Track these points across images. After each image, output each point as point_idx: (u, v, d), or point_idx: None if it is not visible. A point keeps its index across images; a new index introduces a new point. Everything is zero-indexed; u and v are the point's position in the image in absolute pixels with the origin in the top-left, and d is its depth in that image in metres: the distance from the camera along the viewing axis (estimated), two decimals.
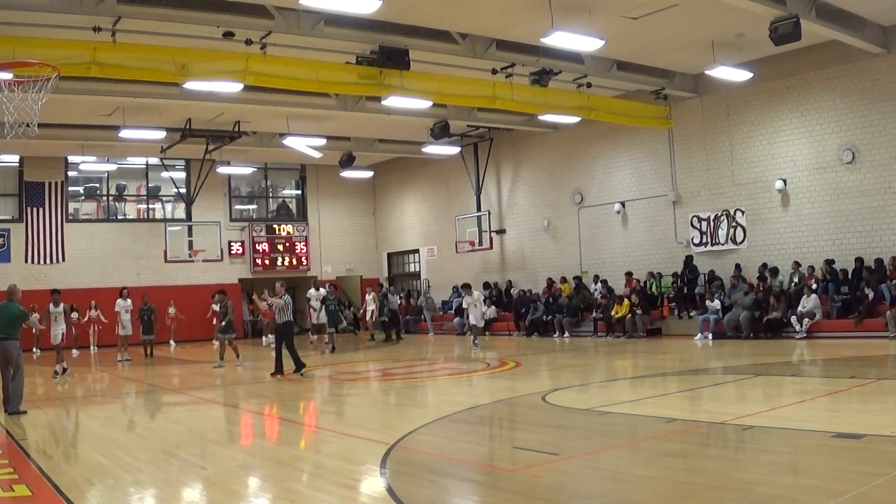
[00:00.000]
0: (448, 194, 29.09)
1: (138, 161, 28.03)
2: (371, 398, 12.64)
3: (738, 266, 19.38)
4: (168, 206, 29.33)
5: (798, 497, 5.25)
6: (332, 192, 31.64)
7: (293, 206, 32.04)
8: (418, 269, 30.93)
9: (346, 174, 29.25)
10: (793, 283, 18.15)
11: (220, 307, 17.63)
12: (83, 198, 28.05)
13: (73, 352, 23.71)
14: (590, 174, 23.84)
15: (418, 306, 28.28)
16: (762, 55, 18.19)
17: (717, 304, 18.83)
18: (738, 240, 19.92)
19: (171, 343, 25.27)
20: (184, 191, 28.32)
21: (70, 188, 27.38)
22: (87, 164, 26.58)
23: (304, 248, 30.80)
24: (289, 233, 30.66)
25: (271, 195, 31.81)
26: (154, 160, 27.16)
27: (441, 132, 22.39)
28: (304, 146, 24.40)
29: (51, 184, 26.47)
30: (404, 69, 15.50)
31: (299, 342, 16.29)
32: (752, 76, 18.55)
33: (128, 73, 14.58)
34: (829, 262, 17.73)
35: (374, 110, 21.04)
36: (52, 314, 16.40)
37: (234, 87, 16.52)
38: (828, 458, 6.34)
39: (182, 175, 28.68)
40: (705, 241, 20.68)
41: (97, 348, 24.60)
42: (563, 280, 23.80)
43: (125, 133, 21.44)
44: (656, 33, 16.56)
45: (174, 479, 6.84)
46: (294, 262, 30.49)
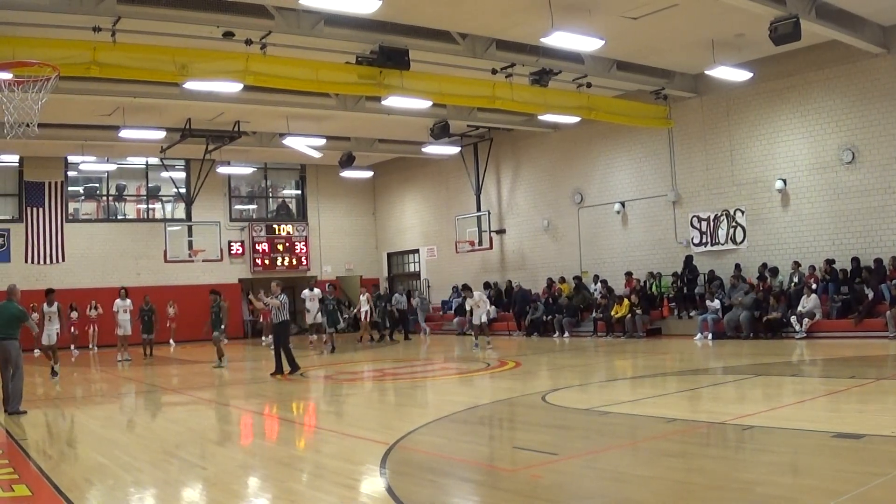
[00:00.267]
0: (448, 194, 29.09)
1: (138, 161, 28.04)
2: (371, 398, 12.63)
3: (737, 266, 19.38)
4: (168, 206, 29.34)
5: (798, 497, 5.25)
6: (332, 192, 31.63)
7: (293, 206, 32.04)
8: (418, 269, 30.94)
9: (346, 174, 29.25)
10: (793, 283, 18.15)
11: (212, 307, 17.65)
12: (83, 198, 28.06)
13: (73, 351, 23.75)
14: (590, 174, 23.83)
15: (414, 308, 28.21)
16: (762, 55, 18.19)
17: (716, 304, 18.83)
18: (738, 240, 19.93)
19: (171, 343, 25.27)
20: (184, 191, 28.32)
21: (70, 188, 27.40)
22: (87, 164, 26.59)
23: (304, 248, 30.81)
24: (289, 233, 30.66)
25: (271, 195, 31.81)
26: (154, 160, 27.17)
27: (441, 132, 22.38)
28: (304, 146, 24.40)
29: (51, 184, 26.48)
30: (404, 69, 15.50)
31: (299, 342, 16.30)
32: (752, 76, 18.55)
33: (128, 73, 14.59)
34: (829, 262, 17.74)
35: (374, 110, 21.04)
36: (47, 314, 16.31)
37: (234, 87, 16.53)
38: (828, 458, 6.34)
39: (182, 175, 28.69)
40: (705, 241, 20.68)
41: (97, 348, 24.63)
42: (563, 280, 23.81)
43: (125, 133, 21.44)
44: (656, 33, 16.56)
45: (174, 479, 6.84)
46: (294, 262, 30.50)
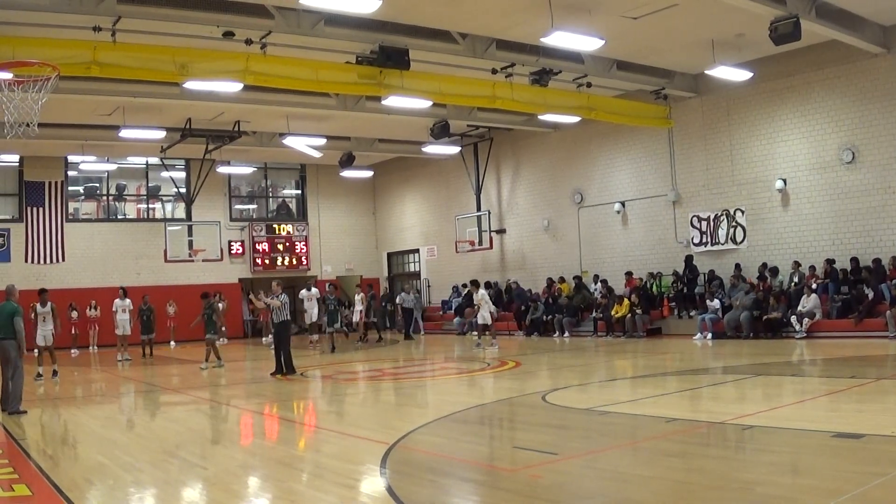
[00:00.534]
0: (448, 194, 29.08)
1: (138, 161, 28.03)
2: (371, 398, 12.63)
3: (738, 266, 19.37)
4: (168, 206, 29.33)
5: (798, 497, 5.25)
6: (332, 192, 31.62)
7: (293, 205, 32.03)
8: (418, 269, 30.93)
9: (346, 174, 29.25)
10: (793, 283, 18.15)
11: (204, 310, 17.61)
12: (83, 197, 28.04)
13: (73, 351, 23.74)
14: (590, 174, 23.83)
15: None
16: (762, 55, 18.18)
17: (717, 303, 18.83)
18: (738, 239, 19.93)
19: (171, 343, 25.28)
20: (184, 190, 28.31)
21: (70, 188, 27.38)
22: (87, 163, 26.57)
23: (304, 247, 30.80)
24: (289, 232, 30.65)
25: (271, 195, 31.80)
26: (154, 160, 27.15)
27: (441, 132, 22.38)
28: (304, 146, 24.39)
29: (51, 183, 26.47)
30: (404, 69, 15.49)
31: (299, 342, 16.29)
32: (752, 76, 18.54)
33: (128, 73, 14.57)
34: (829, 262, 17.74)
35: (374, 110, 21.04)
36: (40, 314, 16.08)
37: (234, 86, 16.53)
38: (828, 458, 6.34)
39: (182, 175, 28.67)
40: (705, 240, 20.68)
41: (97, 348, 24.63)
42: (563, 280, 23.81)
43: (125, 133, 21.43)
44: (656, 33, 16.55)
45: (174, 479, 6.85)
46: (294, 261, 30.49)
